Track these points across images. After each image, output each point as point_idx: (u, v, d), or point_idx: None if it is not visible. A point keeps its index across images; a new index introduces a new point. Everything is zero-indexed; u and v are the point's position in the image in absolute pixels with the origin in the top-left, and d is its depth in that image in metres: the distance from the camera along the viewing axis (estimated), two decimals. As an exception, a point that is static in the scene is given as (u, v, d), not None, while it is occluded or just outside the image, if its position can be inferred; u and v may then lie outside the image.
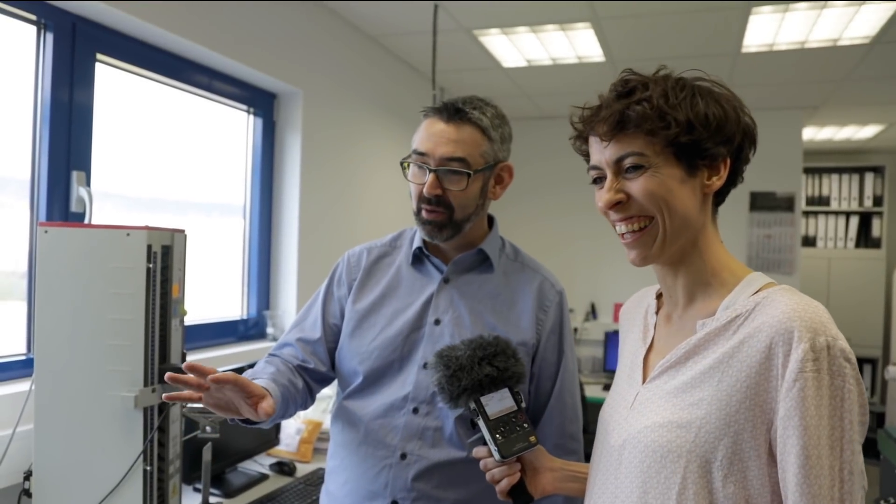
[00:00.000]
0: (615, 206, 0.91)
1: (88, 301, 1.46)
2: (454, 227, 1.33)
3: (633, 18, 3.09)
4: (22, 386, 1.72)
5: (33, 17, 1.89)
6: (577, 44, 3.45)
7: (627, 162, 0.89)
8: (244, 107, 2.80)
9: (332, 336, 1.43)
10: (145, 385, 1.46)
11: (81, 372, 1.46)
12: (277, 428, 2.32)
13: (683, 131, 0.87)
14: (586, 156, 0.99)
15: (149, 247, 1.46)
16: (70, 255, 1.47)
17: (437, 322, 1.35)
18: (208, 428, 1.51)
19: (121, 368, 1.45)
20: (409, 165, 1.35)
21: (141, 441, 1.46)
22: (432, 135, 1.30)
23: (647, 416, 0.90)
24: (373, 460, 1.31)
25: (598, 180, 0.95)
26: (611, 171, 0.91)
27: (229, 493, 1.99)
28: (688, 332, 0.93)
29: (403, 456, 1.29)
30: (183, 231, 1.58)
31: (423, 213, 1.32)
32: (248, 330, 2.81)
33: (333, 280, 1.47)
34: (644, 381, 0.96)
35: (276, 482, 2.12)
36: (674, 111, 0.87)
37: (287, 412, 1.33)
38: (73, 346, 1.46)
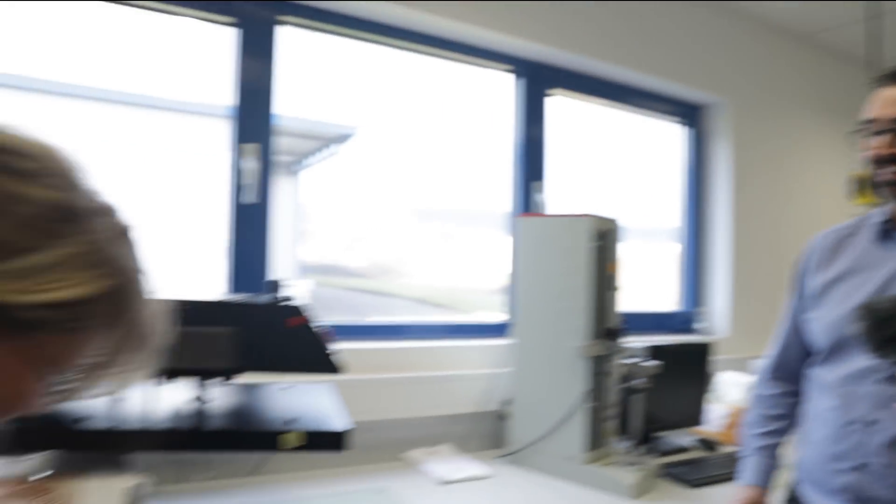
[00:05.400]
0: None
1: (548, 274, 1.94)
2: None
3: None
4: (502, 343, 2.29)
5: (511, 67, 2.53)
6: None
7: None
8: (675, 119, 3.09)
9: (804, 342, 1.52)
10: (591, 339, 1.84)
11: (543, 328, 1.95)
12: (700, 409, 2.44)
13: None
14: None
15: (596, 230, 1.86)
16: (533, 239, 1.99)
17: None
18: (640, 381, 1.81)
19: (572, 325, 1.87)
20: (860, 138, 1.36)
21: (587, 383, 1.84)
22: (878, 100, 1.31)
23: None
24: (840, 424, 1.33)
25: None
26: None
27: (662, 452, 2.22)
28: None
29: (872, 423, 1.29)
30: (614, 220, 1.96)
31: (878, 177, 1.31)
32: (680, 323, 3.06)
33: (797, 275, 1.53)
34: None
35: (697, 454, 2.25)
36: None
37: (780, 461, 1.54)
38: (536, 310, 1.97)
